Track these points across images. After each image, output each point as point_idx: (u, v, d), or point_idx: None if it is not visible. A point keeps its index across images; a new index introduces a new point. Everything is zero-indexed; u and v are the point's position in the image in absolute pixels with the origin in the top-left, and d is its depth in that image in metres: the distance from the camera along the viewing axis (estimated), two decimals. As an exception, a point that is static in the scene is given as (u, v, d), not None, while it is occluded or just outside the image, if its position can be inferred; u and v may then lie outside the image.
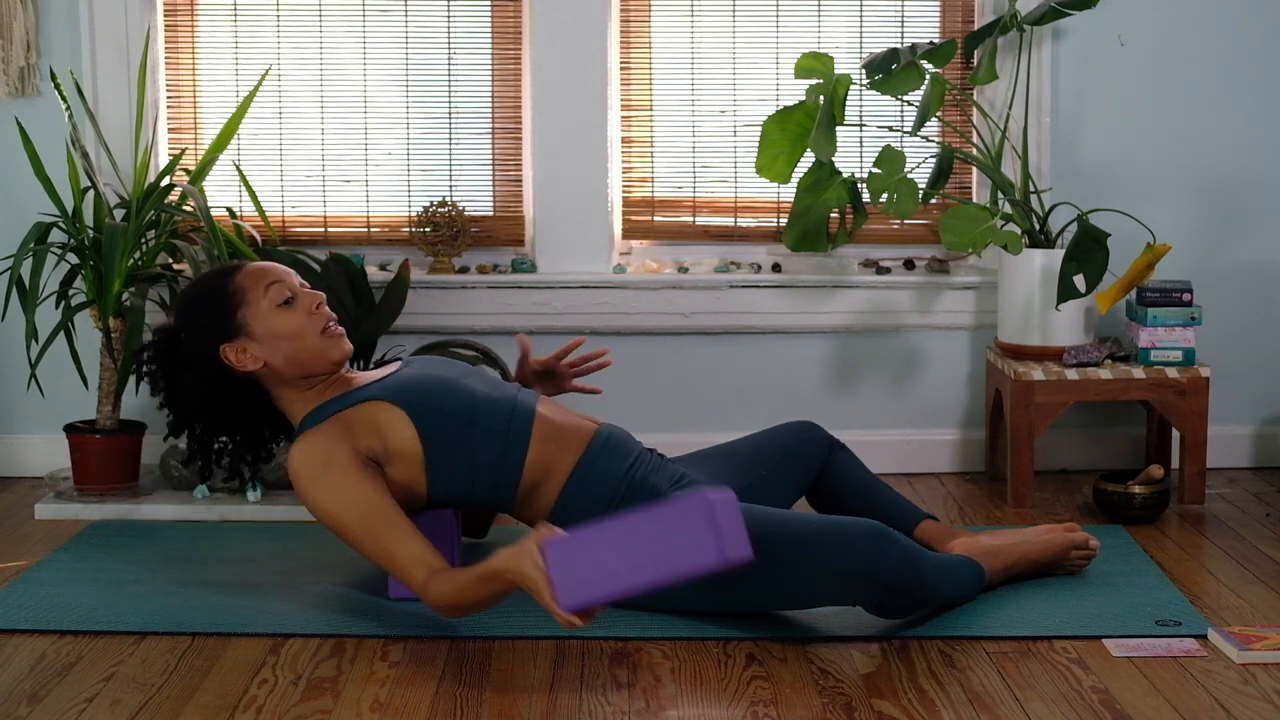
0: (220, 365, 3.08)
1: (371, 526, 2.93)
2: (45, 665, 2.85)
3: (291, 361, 3.08)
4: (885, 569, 2.89)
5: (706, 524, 2.57)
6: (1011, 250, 3.80)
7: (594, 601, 2.63)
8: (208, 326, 3.08)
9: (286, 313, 3.09)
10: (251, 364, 3.07)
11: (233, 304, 3.08)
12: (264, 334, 3.07)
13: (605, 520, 2.64)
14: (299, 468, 2.98)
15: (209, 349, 3.08)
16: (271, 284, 3.10)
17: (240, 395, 3.13)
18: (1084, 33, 4.15)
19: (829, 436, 3.42)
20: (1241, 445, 4.26)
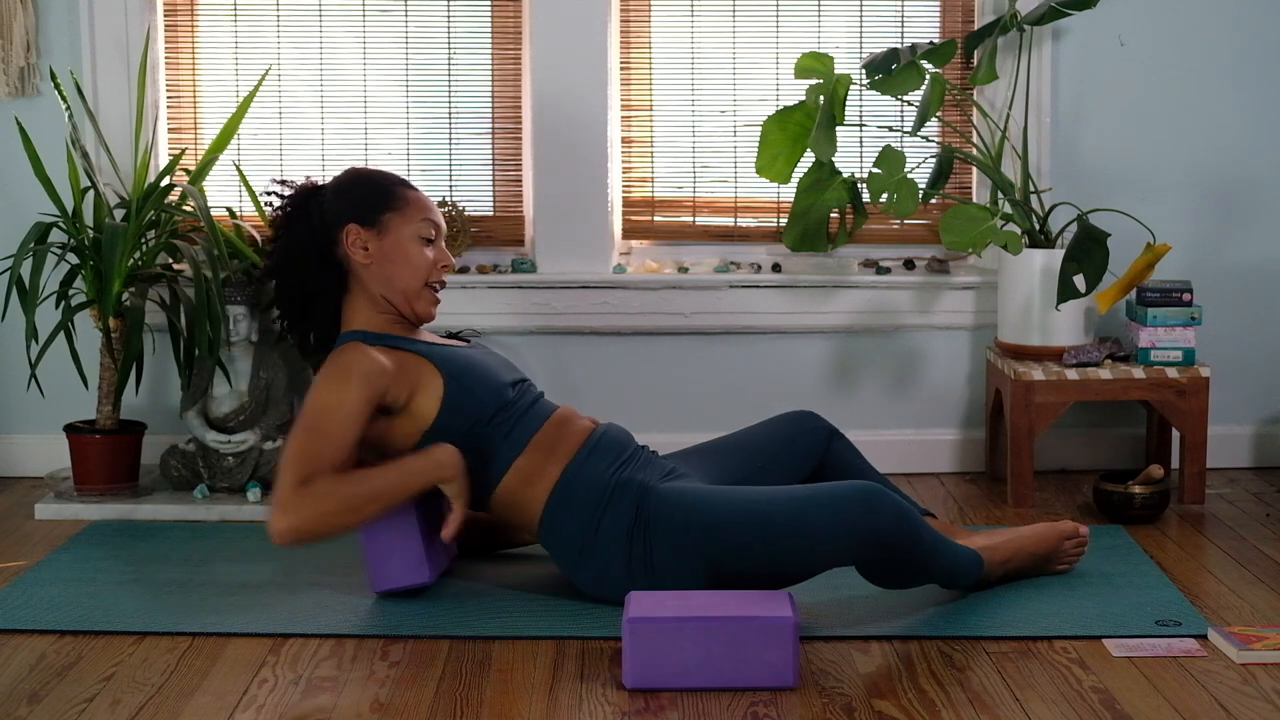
0: (335, 236, 3.17)
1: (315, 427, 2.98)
2: (45, 665, 2.85)
3: (387, 283, 3.16)
4: (880, 524, 2.91)
5: (790, 646, 2.70)
6: (1011, 250, 3.80)
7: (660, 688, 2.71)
8: (355, 202, 3.18)
9: (419, 247, 3.19)
10: (359, 255, 3.15)
11: (389, 203, 3.19)
12: (390, 245, 3.16)
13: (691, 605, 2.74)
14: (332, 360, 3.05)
15: (341, 218, 3.17)
16: (427, 219, 3.21)
17: (325, 275, 3.18)
18: (1084, 33, 4.15)
19: (828, 426, 3.41)
20: (1241, 445, 4.26)
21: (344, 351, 3.07)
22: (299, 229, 3.20)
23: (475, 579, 3.31)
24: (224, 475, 3.93)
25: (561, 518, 3.08)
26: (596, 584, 3.09)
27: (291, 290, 3.22)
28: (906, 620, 3.03)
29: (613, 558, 3.04)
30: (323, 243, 3.18)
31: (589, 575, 3.09)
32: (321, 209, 3.19)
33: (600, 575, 3.07)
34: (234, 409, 3.98)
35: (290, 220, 3.22)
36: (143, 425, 3.97)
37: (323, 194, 3.22)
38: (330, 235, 3.18)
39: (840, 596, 3.14)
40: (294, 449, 2.98)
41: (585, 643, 2.96)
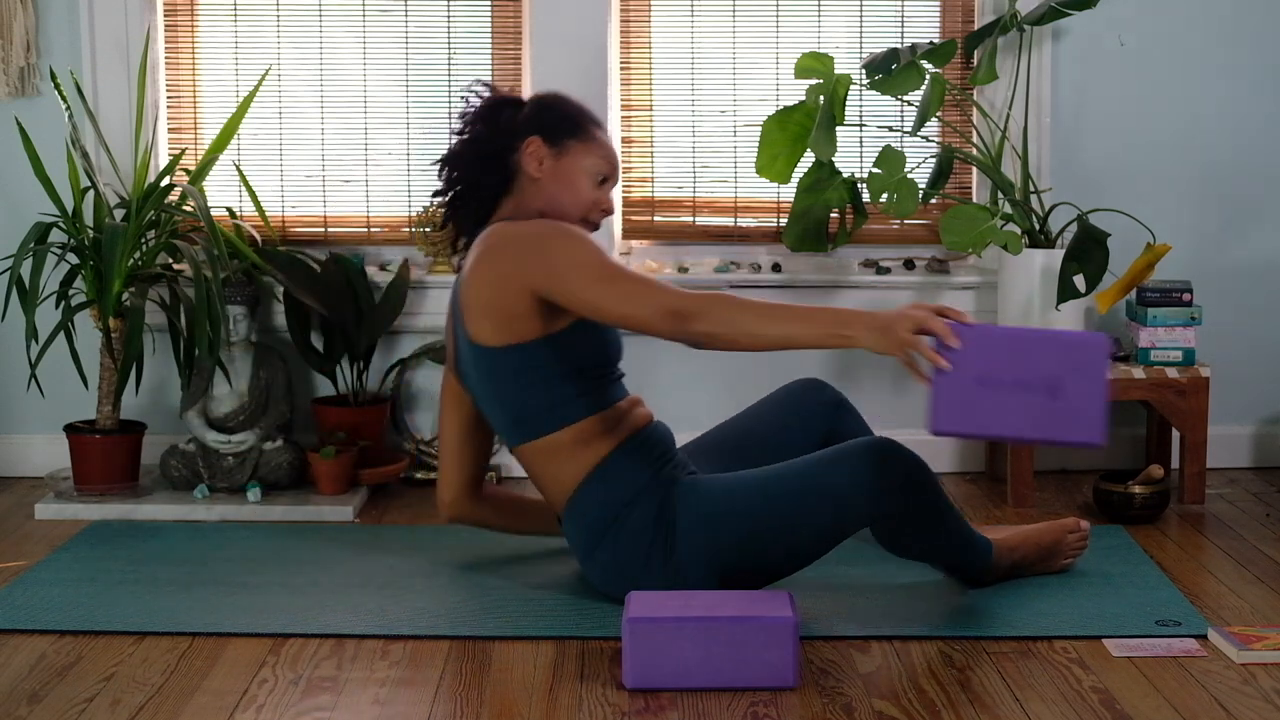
0: (514, 145, 3.16)
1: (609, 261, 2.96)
2: (45, 665, 2.85)
3: (549, 203, 3.15)
4: (897, 470, 2.92)
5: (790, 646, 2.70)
6: (1011, 250, 3.80)
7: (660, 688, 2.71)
8: (547, 118, 3.19)
9: (591, 184, 3.17)
10: (532, 167, 3.15)
11: (577, 131, 3.18)
12: (566, 171, 3.16)
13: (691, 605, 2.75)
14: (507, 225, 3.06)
15: (528, 129, 3.17)
16: (608, 159, 3.20)
17: (492, 171, 3.17)
18: (1084, 33, 4.15)
19: (834, 396, 3.39)
20: (1241, 445, 4.26)
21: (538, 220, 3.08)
22: (480, 128, 3.19)
23: (475, 579, 3.31)
24: (224, 475, 3.93)
25: (593, 496, 3.06)
26: (608, 572, 3.07)
27: (456, 179, 3.20)
28: (906, 620, 3.03)
29: (633, 548, 3.03)
30: (501, 145, 3.17)
31: (602, 561, 3.07)
32: (513, 116, 3.19)
33: (614, 563, 3.05)
34: (234, 409, 3.98)
35: (476, 118, 3.21)
36: (143, 425, 3.97)
37: (517, 106, 3.22)
38: (511, 141, 3.17)
39: (840, 596, 3.15)
40: (628, 285, 2.92)
41: (585, 643, 2.96)
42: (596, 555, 3.08)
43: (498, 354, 3.05)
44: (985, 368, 2.73)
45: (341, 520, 3.80)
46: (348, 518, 3.81)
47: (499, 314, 3.03)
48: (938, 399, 2.74)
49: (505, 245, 3.04)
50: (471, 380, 3.16)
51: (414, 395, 4.23)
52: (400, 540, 3.60)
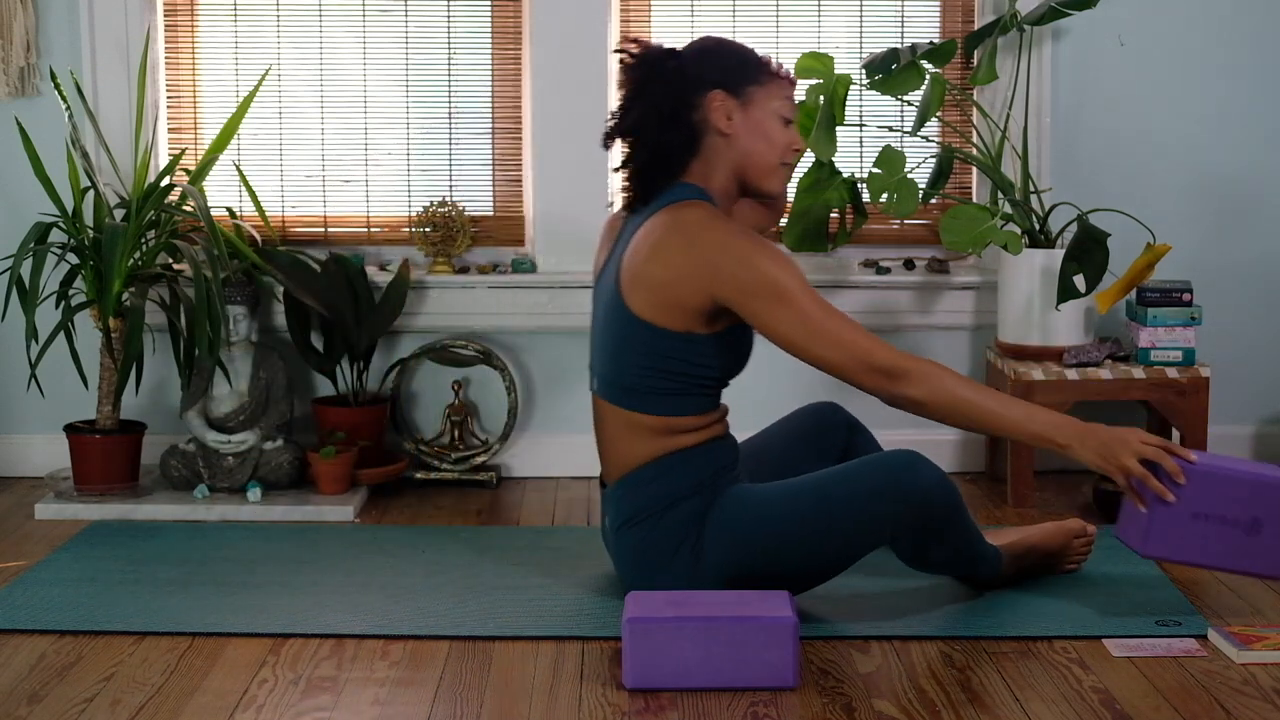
0: (694, 100, 3.04)
1: (818, 299, 2.91)
2: (45, 665, 2.85)
3: (742, 156, 3.07)
4: (922, 482, 2.93)
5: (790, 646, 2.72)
6: (1011, 250, 3.80)
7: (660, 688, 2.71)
8: (723, 69, 3.06)
9: (780, 126, 3.09)
10: (722, 124, 3.05)
11: (756, 76, 3.07)
12: (755, 119, 3.07)
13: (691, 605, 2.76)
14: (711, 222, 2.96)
15: (705, 83, 3.04)
16: (789, 97, 3.11)
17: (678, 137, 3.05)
18: (1084, 33, 4.15)
19: (848, 419, 3.39)
20: (1241, 445, 4.26)
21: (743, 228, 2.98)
22: (655, 90, 3.04)
23: (475, 579, 3.31)
24: (224, 475, 3.93)
25: (655, 480, 3.02)
26: (635, 553, 3.05)
27: (643, 152, 3.07)
28: (906, 620, 3.03)
29: (667, 539, 3.02)
30: (680, 105, 3.04)
31: (634, 540, 3.05)
32: (682, 71, 3.05)
33: (645, 546, 3.04)
34: (234, 409, 3.98)
35: (645, 80, 3.05)
36: (143, 425, 3.97)
37: (678, 57, 3.08)
38: (689, 99, 3.04)
39: (840, 596, 3.14)
40: (835, 328, 2.90)
41: (585, 643, 2.96)
42: (632, 533, 3.06)
43: (641, 326, 3.00)
44: (1200, 505, 2.90)
45: (341, 520, 3.80)
46: (348, 518, 3.81)
47: (666, 298, 2.97)
48: (1152, 527, 2.91)
49: (705, 242, 2.95)
50: (600, 325, 3.11)
51: (414, 395, 4.23)
52: (400, 540, 3.60)
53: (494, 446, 4.14)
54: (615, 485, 3.10)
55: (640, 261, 2.99)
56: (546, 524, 3.80)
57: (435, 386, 4.21)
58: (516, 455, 4.23)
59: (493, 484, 4.11)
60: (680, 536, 3.01)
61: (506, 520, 3.83)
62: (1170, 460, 2.87)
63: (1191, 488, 2.89)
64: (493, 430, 4.23)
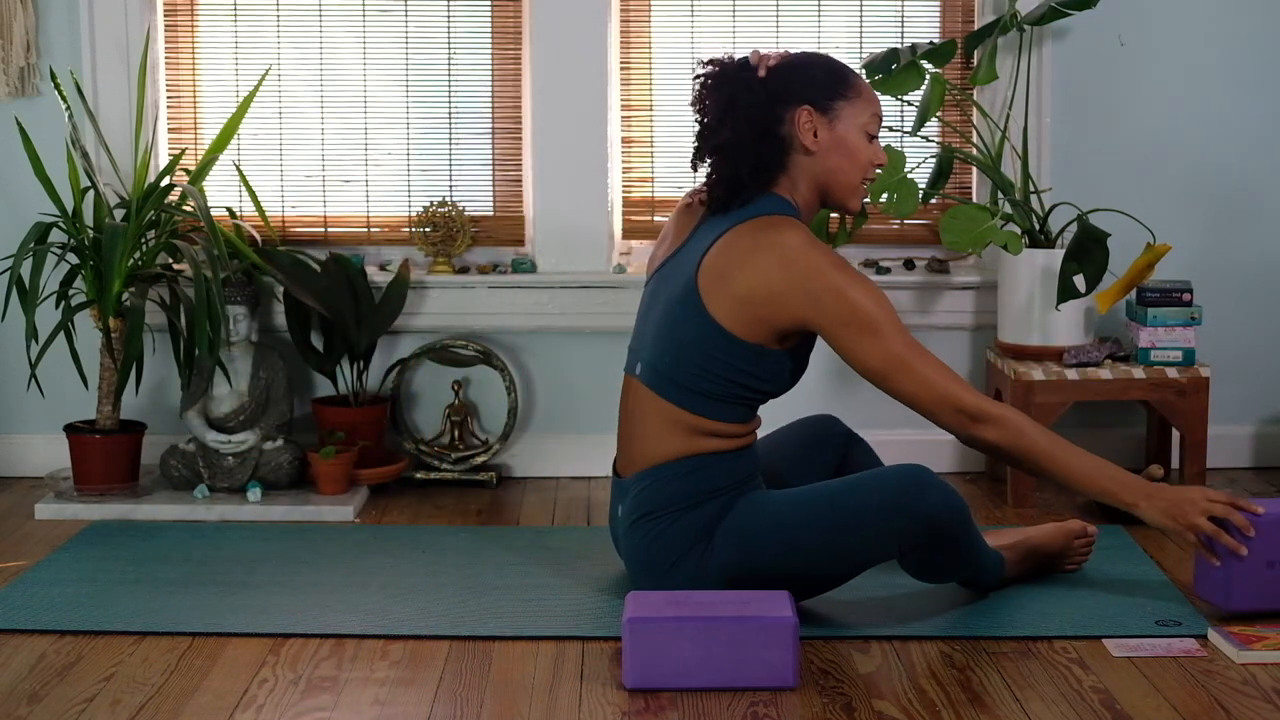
0: (782, 114, 3.05)
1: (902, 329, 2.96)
2: (45, 665, 2.85)
3: (827, 173, 3.07)
4: (929, 500, 2.91)
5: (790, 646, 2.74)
6: (1011, 250, 3.80)
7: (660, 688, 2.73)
8: (814, 84, 3.06)
9: (865, 141, 3.09)
10: (807, 139, 3.05)
11: (846, 92, 3.07)
12: (840, 134, 3.06)
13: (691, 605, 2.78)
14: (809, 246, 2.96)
15: (794, 98, 3.04)
16: (876, 114, 3.11)
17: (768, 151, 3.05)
18: (1084, 33, 4.15)
19: (846, 431, 3.39)
20: (1241, 445, 4.26)
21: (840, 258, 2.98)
22: (744, 103, 3.03)
23: (475, 579, 3.31)
24: (224, 475, 3.93)
25: (681, 477, 3.01)
26: (646, 544, 3.05)
27: (732, 163, 3.06)
28: (906, 620, 3.03)
29: (681, 538, 3.01)
30: (770, 120, 3.04)
31: (648, 533, 3.04)
32: (770, 85, 3.05)
33: (657, 542, 3.03)
34: (234, 409, 3.98)
35: (734, 95, 3.04)
36: (143, 425, 3.97)
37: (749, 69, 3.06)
38: (777, 113, 3.04)
39: (840, 597, 3.14)
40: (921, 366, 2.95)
41: (585, 643, 2.96)
42: (648, 528, 3.05)
43: (715, 329, 2.99)
44: (1275, 553, 2.98)
45: (341, 520, 3.80)
46: (348, 518, 3.81)
47: (751, 311, 2.97)
48: (1232, 582, 2.98)
49: (803, 268, 2.94)
50: (663, 315, 3.08)
51: (414, 395, 4.23)
52: (400, 540, 3.60)
53: (494, 446, 4.14)
54: (636, 476, 3.08)
55: (730, 268, 2.99)
56: (546, 524, 3.80)
57: (435, 386, 4.21)
58: (516, 455, 4.23)
59: (493, 484, 4.11)
60: (694, 538, 3.01)
61: (506, 520, 3.83)
62: (1238, 515, 2.95)
63: (1263, 538, 2.96)
64: (493, 430, 4.23)
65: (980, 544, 3.07)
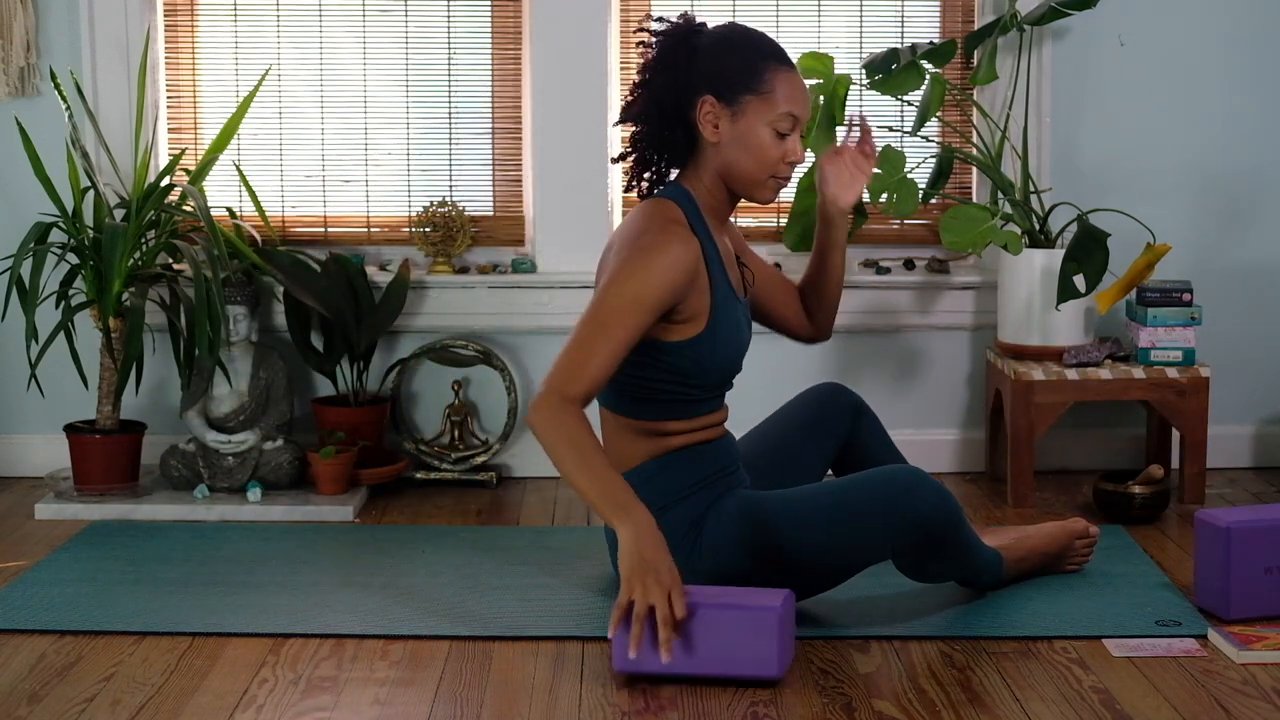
0: (688, 98, 2.96)
1: (604, 322, 2.81)
2: (45, 665, 2.85)
3: (727, 167, 2.99)
4: (923, 504, 2.90)
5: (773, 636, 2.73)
6: (1011, 250, 3.80)
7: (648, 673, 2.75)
8: (721, 71, 2.95)
9: (772, 138, 2.97)
10: (708, 132, 2.96)
11: (757, 86, 2.95)
12: (744, 133, 2.96)
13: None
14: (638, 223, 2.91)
15: (700, 86, 2.95)
16: (788, 112, 2.96)
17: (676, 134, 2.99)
18: (1084, 33, 4.15)
19: (854, 401, 3.36)
20: (1241, 445, 4.26)
21: (649, 217, 2.92)
22: (659, 80, 2.97)
23: (475, 579, 3.31)
24: (224, 475, 3.93)
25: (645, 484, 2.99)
26: None
27: (641, 145, 3.02)
28: (906, 620, 3.03)
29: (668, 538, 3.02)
30: (680, 102, 2.96)
31: None
32: (689, 63, 2.96)
33: None
34: (234, 409, 3.98)
35: (655, 67, 2.98)
36: (143, 425, 3.97)
37: (691, 41, 2.98)
38: (687, 97, 2.96)
39: (840, 597, 3.14)
40: (579, 340, 2.81)
41: (585, 643, 2.96)
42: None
43: None
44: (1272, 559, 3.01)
45: (341, 520, 3.80)
46: (348, 518, 3.81)
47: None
48: (1232, 591, 3.00)
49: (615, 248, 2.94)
50: None
51: (414, 395, 4.23)
52: (400, 540, 3.60)
53: (494, 446, 4.14)
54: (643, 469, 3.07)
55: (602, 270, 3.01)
56: (546, 524, 3.80)
57: (435, 386, 4.22)
58: (516, 455, 4.23)
59: (493, 484, 4.11)
60: (679, 537, 3.00)
61: (506, 520, 3.83)
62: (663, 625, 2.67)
63: (1261, 544, 2.99)
64: (493, 430, 4.23)
65: (975, 544, 3.06)
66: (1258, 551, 3.00)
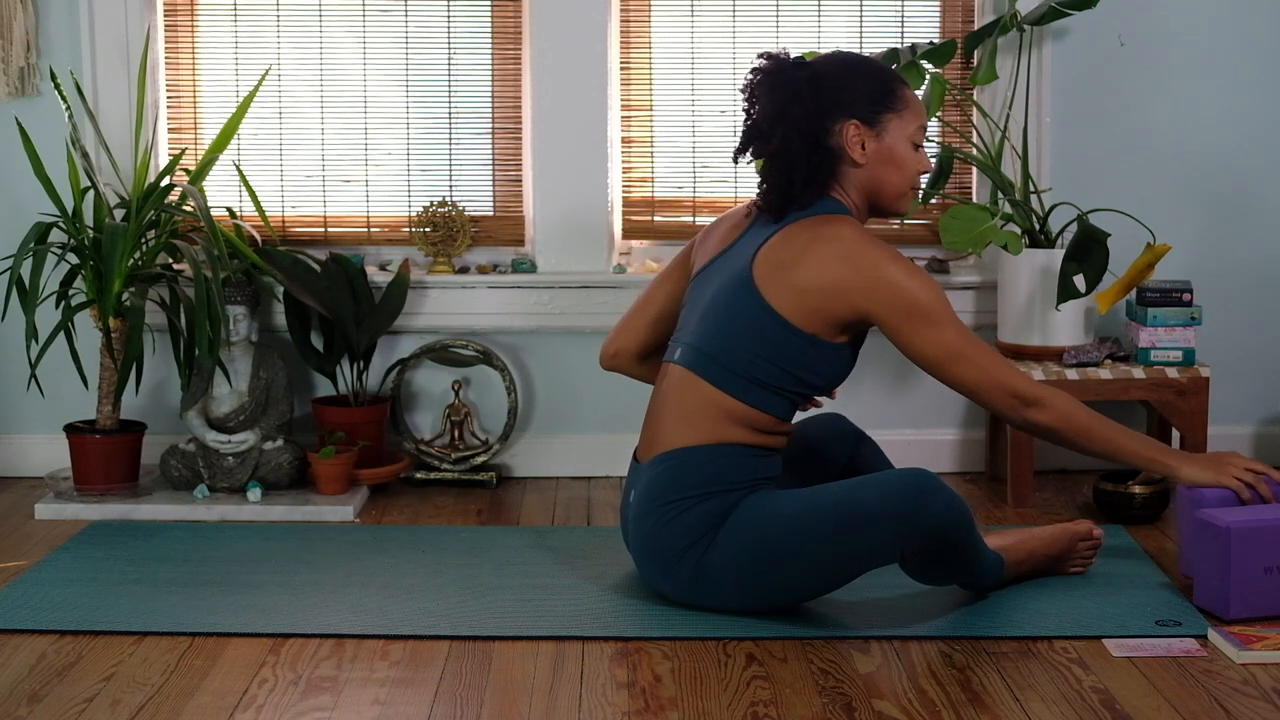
0: (830, 126, 3.08)
1: (956, 331, 3.01)
2: (45, 665, 2.85)
3: (875, 182, 3.11)
4: (932, 508, 2.91)
5: None
6: (1011, 250, 3.80)
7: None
8: (859, 96, 3.09)
9: (911, 151, 3.12)
10: (856, 153, 3.08)
11: (894, 104, 3.10)
12: (888, 146, 3.10)
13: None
14: (868, 241, 3.02)
15: (842, 111, 3.08)
16: (923, 125, 3.16)
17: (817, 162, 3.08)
18: (1084, 33, 4.15)
19: (855, 429, 3.39)
20: (1241, 445, 4.26)
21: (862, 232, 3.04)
22: (795, 113, 3.06)
23: (475, 579, 3.31)
24: (224, 475, 3.93)
25: (699, 465, 3.02)
26: (654, 537, 3.05)
27: (783, 175, 3.09)
28: (906, 620, 3.03)
29: (683, 531, 3.01)
30: (819, 131, 3.07)
31: (653, 527, 3.04)
32: (819, 95, 3.07)
33: (658, 532, 3.03)
34: (234, 409, 3.98)
35: (786, 101, 3.07)
36: (143, 425, 3.97)
37: (813, 73, 3.09)
38: (827, 125, 3.08)
39: (840, 597, 3.14)
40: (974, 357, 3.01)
41: (585, 643, 2.96)
42: (660, 512, 3.04)
43: (772, 316, 3.02)
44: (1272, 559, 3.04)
45: (341, 520, 3.80)
46: (348, 518, 3.81)
47: (810, 302, 3.00)
48: (1231, 591, 3.01)
49: (862, 259, 2.99)
50: (716, 306, 3.09)
51: (414, 395, 4.23)
52: (400, 540, 3.60)
53: (494, 446, 4.14)
54: (656, 459, 3.08)
55: (788, 260, 3.02)
56: (546, 524, 3.80)
57: (435, 386, 4.22)
58: (516, 455, 4.23)
59: (493, 484, 4.11)
60: (700, 531, 3.01)
61: (506, 520, 3.83)
62: (1264, 486, 3.11)
63: (1260, 544, 3.00)
64: (493, 430, 4.23)
65: (982, 548, 3.07)
66: (1258, 551, 3.00)
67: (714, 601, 3.04)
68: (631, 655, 2.89)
